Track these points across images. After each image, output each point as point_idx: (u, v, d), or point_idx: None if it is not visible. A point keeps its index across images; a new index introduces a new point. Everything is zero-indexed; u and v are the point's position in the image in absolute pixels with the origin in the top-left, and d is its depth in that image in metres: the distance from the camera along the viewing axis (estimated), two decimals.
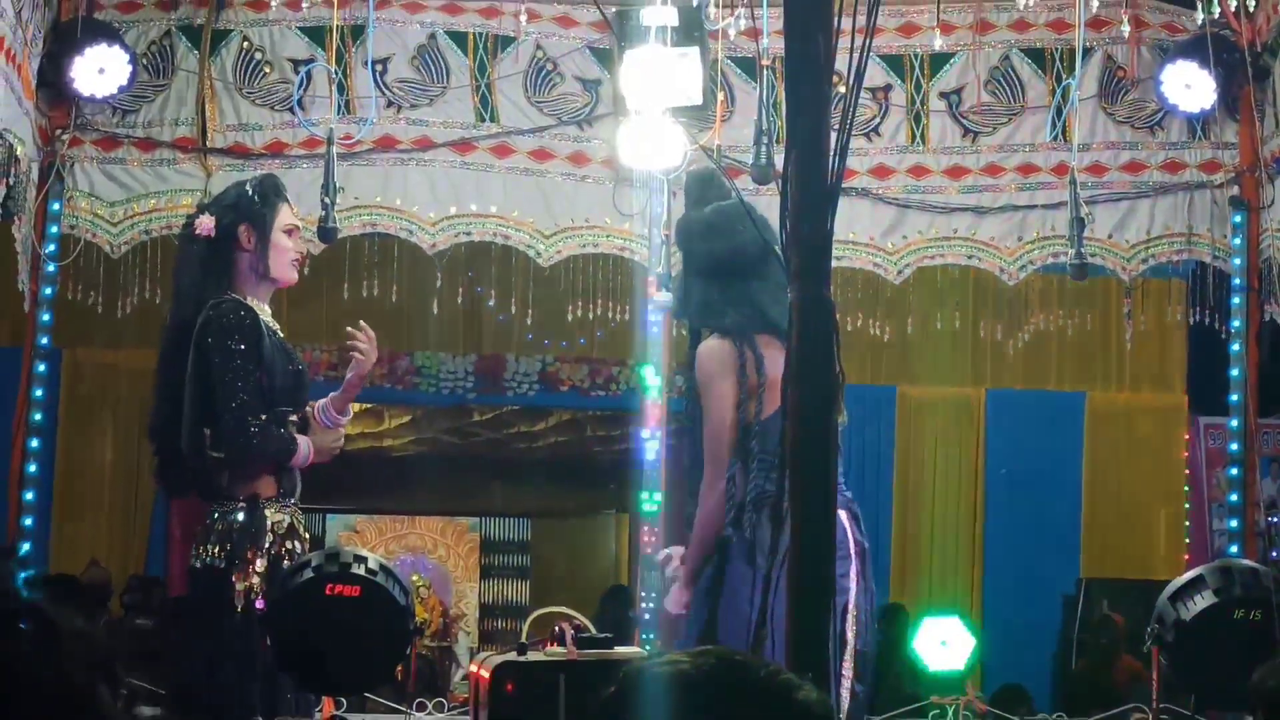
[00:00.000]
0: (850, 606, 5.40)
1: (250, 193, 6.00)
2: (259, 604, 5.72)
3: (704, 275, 5.70)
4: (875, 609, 5.89)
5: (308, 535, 6.09)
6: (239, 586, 5.71)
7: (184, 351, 5.78)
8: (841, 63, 4.06)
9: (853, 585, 5.43)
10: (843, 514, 5.24)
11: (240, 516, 5.77)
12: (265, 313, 5.93)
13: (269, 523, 5.82)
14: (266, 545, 5.79)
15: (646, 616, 8.76)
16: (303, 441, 5.88)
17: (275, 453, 5.82)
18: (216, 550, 5.73)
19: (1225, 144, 8.76)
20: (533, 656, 5.42)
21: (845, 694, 5.35)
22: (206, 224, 5.92)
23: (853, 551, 5.43)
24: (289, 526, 5.89)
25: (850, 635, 5.40)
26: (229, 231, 5.92)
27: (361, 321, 6.07)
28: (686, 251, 5.85)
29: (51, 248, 8.25)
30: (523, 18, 8.61)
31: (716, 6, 7.93)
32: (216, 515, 5.79)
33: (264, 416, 5.77)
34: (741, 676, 2.04)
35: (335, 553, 5.99)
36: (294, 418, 5.96)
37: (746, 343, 5.56)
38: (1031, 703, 9.63)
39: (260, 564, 5.76)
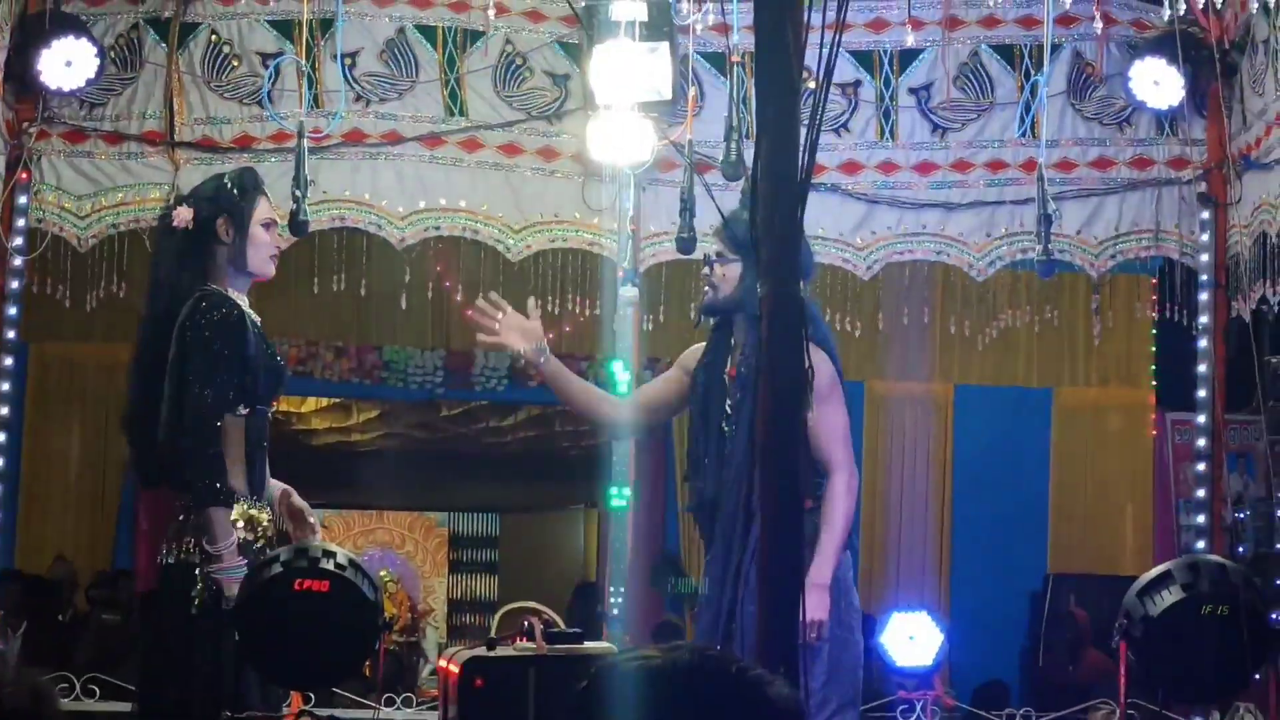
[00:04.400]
0: None
1: (229, 185, 5.95)
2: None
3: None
4: None
5: (277, 531, 6.05)
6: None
7: (162, 343, 5.72)
8: (811, 58, 4.07)
9: None
10: None
11: None
12: (244, 304, 5.90)
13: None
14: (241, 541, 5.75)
15: (615, 613, 8.74)
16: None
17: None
18: (190, 545, 5.68)
19: (1193, 141, 8.78)
20: (502, 651, 5.41)
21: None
22: (184, 215, 5.87)
23: None
24: (264, 523, 5.85)
25: None
26: (207, 224, 5.86)
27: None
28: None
29: (18, 241, 8.22)
30: (491, 12, 8.58)
31: (686, 1, 7.93)
32: (190, 510, 5.73)
33: (227, 417, 5.70)
34: (713, 672, 2.04)
35: (304, 548, 5.95)
36: (271, 412, 5.95)
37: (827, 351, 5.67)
38: (1010, 700, 9.65)
39: None
